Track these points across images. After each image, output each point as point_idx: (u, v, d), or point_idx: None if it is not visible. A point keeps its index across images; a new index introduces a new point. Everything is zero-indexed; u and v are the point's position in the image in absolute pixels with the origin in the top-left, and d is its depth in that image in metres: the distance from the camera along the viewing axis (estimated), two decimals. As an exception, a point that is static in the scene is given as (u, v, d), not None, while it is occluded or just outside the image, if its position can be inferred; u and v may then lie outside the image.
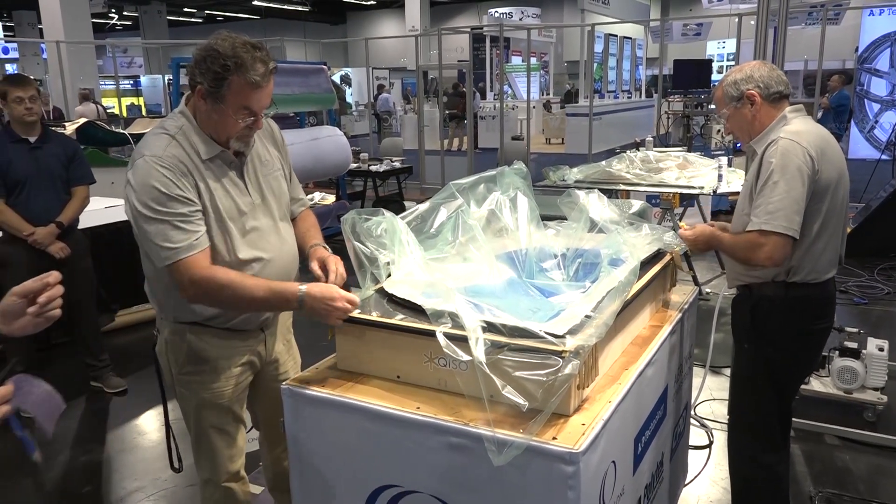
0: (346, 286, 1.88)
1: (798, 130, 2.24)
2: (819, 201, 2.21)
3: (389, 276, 1.92)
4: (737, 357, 2.51)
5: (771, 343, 2.36)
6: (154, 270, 1.97)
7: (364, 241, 1.87)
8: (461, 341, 1.56)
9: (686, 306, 2.41)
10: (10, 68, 22.28)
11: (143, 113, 19.17)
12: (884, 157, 8.99)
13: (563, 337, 1.53)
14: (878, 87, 12.25)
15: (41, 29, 14.60)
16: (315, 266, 2.00)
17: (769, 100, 2.31)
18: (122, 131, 7.95)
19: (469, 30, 13.41)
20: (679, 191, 4.91)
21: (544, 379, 1.48)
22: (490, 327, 1.59)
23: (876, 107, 12.30)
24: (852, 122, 12.16)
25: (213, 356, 2.03)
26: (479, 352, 1.51)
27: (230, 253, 1.93)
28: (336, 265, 1.95)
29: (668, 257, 2.34)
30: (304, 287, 1.83)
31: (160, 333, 2.09)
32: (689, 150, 6.81)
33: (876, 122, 12.30)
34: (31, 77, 4.72)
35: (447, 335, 1.58)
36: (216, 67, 1.78)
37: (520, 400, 1.48)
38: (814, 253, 2.26)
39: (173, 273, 1.83)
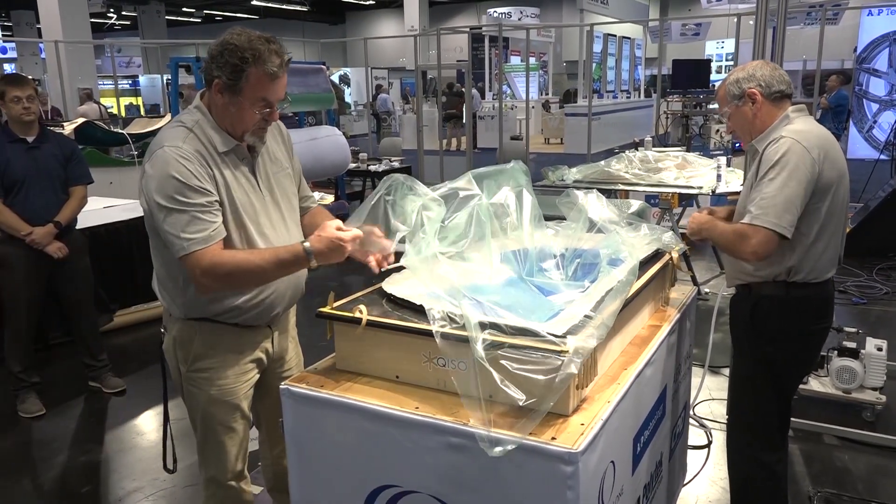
0: None
1: (801, 130, 2.24)
2: (820, 201, 2.22)
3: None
4: (736, 356, 2.51)
5: (770, 342, 2.36)
6: (166, 266, 1.98)
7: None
8: (459, 341, 1.56)
9: (685, 306, 2.41)
10: (9, 68, 22.26)
11: (142, 113, 19.16)
12: (882, 156, 9.00)
13: (563, 337, 1.53)
14: (877, 87, 12.26)
15: (39, 29, 14.58)
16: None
17: (770, 99, 2.32)
18: (120, 131, 7.95)
19: (468, 30, 13.42)
20: (678, 191, 4.91)
21: (544, 378, 1.48)
22: (491, 326, 1.59)
23: (875, 107, 12.31)
24: (851, 121, 12.17)
25: (223, 352, 2.04)
26: (479, 350, 1.51)
27: (244, 246, 1.95)
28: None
29: (666, 257, 2.34)
30: (307, 245, 1.85)
31: (168, 332, 2.09)
32: (687, 150, 6.81)
33: (874, 122, 12.31)
34: (30, 77, 4.71)
35: (445, 335, 1.58)
36: (234, 60, 1.83)
37: (517, 395, 1.48)
38: (814, 253, 2.26)
39: (186, 264, 1.84)
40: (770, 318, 2.34)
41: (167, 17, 25.61)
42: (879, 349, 3.59)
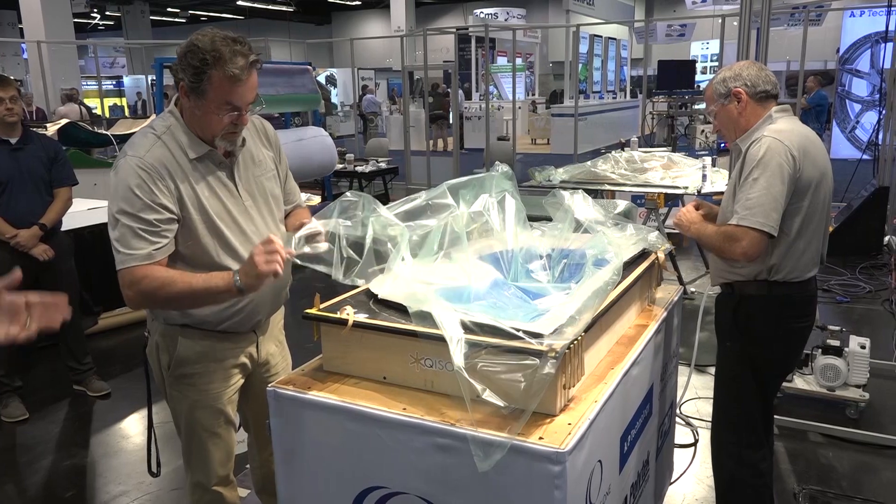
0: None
1: (782, 129, 2.27)
2: (800, 200, 2.24)
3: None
4: (720, 355, 2.53)
5: (753, 341, 2.38)
6: None
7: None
8: (445, 342, 1.56)
9: (671, 305, 2.43)
10: (-10, 68, 22.01)
11: (126, 114, 19.01)
12: (865, 156, 9.08)
13: (541, 337, 1.53)
14: (859, 87, 12.38)
15: (21, 28, 14.45)
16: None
17: (755, 98, 2.34)
18: (104, 132, 7.89)
19: (454, 30, 13.40)
20: (664, 191, 4.94)
21: (523, 379, 1.48)
22: (470, 329, 1.59)
23: (857, 107, 12.43)
24: (834, 122, 12.28)
25: (205, 359, 2.02)
26: (457, 356, 1.51)
27: (219, 255, 1.91)
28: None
29: (652, 257, 2.35)
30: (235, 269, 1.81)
31: (150, 336, 2.07)
32: (673, 151, 6.84)
33: (857, 122, 12.43)
34: (12, 77, 4.66)
35: (431, 336, 1.58)
36: (195, 62, 1.78)
37: (499, 401, 1.49)
38: (795, 251, 2.28)
39: (120, 277, 1.82)
40: (753, 316, 2.36)
41: (151, 18, 25.44)
42: (863, 347, 3.63)
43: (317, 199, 8.00)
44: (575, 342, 1.58)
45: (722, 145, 8.04)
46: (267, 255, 1.72)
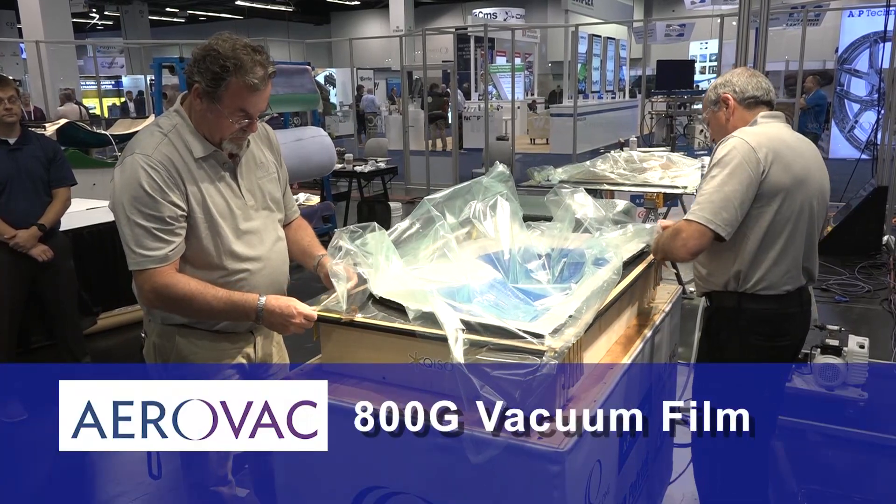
0: None
1: (755, 132, 2.22)
2: (765, 204, 2.15)
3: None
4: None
5: (724, 355, 2.31)
6: None
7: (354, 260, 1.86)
8: (444, 342, 1.56)
9: (670, 305, 2.43)
10: (-11, 68, 21.98)
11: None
12: (864, 156, 9.09)
13: (542, 336, 1.54)
14: (858, 87, 12.38)
15: (20, 28, 14.44)
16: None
17: (743, 104, 2.32)
18: (103, 132, 7.88)
19: (453, 30, 13.42)
20: (663, 190, 4.94)
21: (523, 379, 1.48)
22: (470, 328, 1.59)
23: (856, 107, 12.43)
24: (833, 121, 12.29)
25: (202, 359, 2.02)
26: (457, 352, 1.51)
27: (220, 255, 1.92)
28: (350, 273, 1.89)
29: (651, 256, 2.35)
30: (262, 300, 1.83)
31: (148, 336, 2.07)
32: (672, 150, 6.85)
33: (856, 121, 12.43)
34: (10, 77, 4.65)
35: (431, 336, 1.58)
36: (215, 68, 1.79)
37: (497, 399, 1.49)
38: (764, 260, 2.19)
39: (137, 279, 1.83)
40: (721, 329, 2.30)
41: (150, 18, 25.41)
42: (861, 346, 3.63)
43: (315, 200, 7.99)
44: (574, 342, 1.58)
45: (720, 145, 8.02)
46: (292, 325, 1.83)
